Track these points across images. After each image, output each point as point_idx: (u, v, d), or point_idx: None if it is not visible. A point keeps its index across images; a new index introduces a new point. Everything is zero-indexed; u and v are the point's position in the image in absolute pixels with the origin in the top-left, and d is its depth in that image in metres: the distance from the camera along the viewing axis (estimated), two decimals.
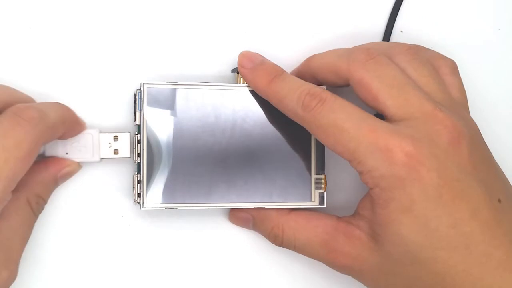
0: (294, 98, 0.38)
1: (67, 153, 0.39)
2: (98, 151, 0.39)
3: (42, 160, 0.39)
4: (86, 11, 0.41)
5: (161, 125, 0.40)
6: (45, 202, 0.38)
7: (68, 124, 0.38)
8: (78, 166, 0.39)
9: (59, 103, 0.38)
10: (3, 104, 0.36)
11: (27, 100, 0.38)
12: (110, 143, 0.40)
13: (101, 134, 0.39)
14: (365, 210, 0.38)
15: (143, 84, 0.39)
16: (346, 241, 0.39)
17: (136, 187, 0.40)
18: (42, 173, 0.38)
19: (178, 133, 0.40)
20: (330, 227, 0.40)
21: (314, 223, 0.40)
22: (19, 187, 0.35)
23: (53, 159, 0.39)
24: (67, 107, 0.38)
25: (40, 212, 0.38)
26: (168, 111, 0.40)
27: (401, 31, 0.46)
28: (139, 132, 0.39)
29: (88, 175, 0.41)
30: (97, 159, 0.39)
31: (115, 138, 0.40)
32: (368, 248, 0.38)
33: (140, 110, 0.39)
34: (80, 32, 0.41)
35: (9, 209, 0.36)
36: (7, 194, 0.34)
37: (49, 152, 0.39)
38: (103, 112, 0.41)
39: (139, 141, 0.39)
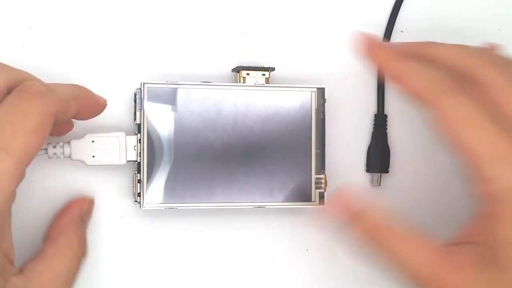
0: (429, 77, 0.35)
1: (93, 156, 0.39)
2: (124, 154, 0.39)
3: (63, 206, 0.40)
4: (86, 11, 0.41)
5: (161, 124, 0.40)
6: (84, 241, 0.39)
7: (82, 101, 0.37)
8: (92, 201, 0.41)
9: (71, 83, 0.37)
10: (15, 84, 0.35)
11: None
12: (135, 146, 0.39)
13: (127, 137, 0.40)
14: (476, 236, 0.35)
15: (143, 83, 0.39)
16: (454, 270, 0.34)
17: (136, 187, 0.40)
18: (68, 216, 0.39)
19: (179, 130, 0.40)
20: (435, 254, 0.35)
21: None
22: (56, 233, 0.38)
23: (72, 201, 0.40)
24: (80, 85, 0.37)
25: (83, 254, 0.38)
26: (168, 110, 0.40)
27: (401, 31, 0.46)
28: (139, 131, 0.39)
29: (87, 175, 0.41)
30: (124, 162, 0.39)
31: (140, 141, 0.40)
32: (484, 275, 0.34)
33: (140, 109, 0.39)
34: (80, 32, 0.41)
35: (49, 252, 0.36)
36: (22, 171, 0.33)
37: (75, 155, 0.39)
38: (104, 111, 0.41)
39: (139, 141, 0.39)
